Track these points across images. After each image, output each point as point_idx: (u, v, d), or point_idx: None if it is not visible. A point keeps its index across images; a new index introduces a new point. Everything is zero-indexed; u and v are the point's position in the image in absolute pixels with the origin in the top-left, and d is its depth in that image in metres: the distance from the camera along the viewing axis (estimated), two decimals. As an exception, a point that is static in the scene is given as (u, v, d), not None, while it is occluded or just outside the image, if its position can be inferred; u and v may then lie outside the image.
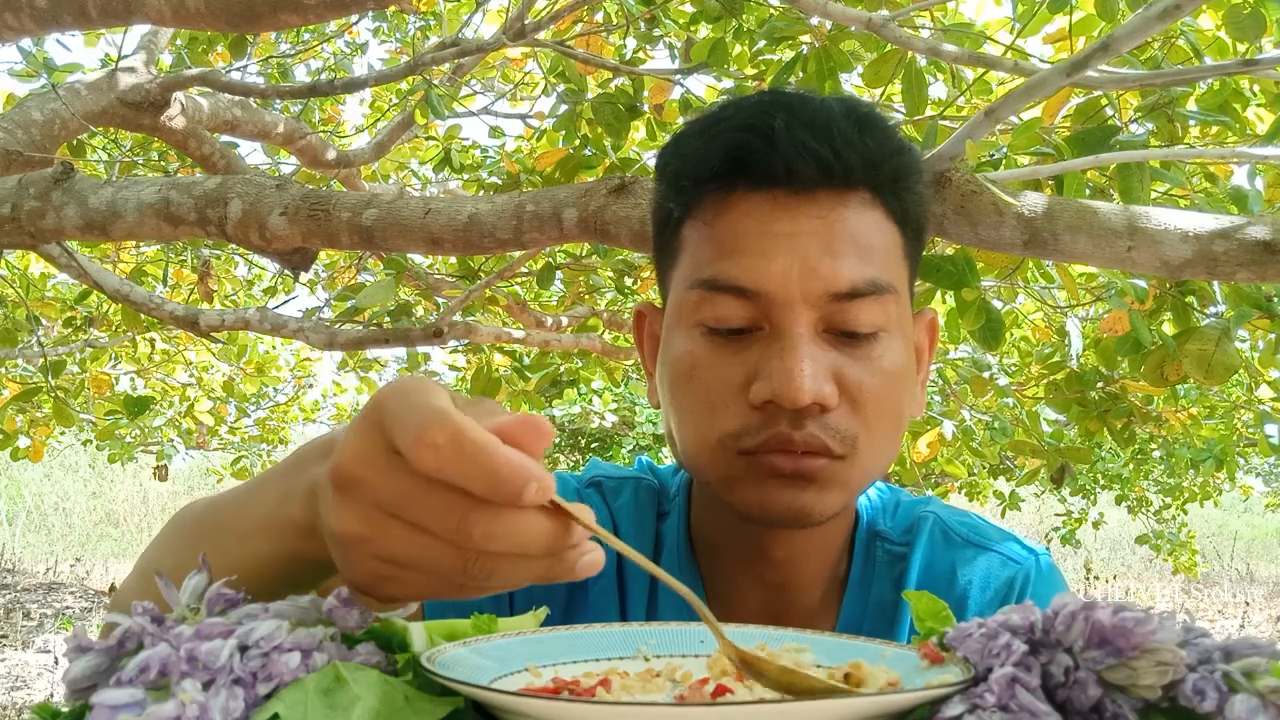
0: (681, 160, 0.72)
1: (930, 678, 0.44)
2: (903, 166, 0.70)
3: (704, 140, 0.70)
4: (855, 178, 0.68)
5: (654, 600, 0.79)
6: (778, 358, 0.65)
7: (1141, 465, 6.73)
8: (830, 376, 0.66)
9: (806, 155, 0.66)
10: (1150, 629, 0.41)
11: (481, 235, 1.61)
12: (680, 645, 0.54)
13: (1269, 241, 1.15)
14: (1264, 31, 1.77)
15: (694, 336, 0.69)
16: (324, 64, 4.44)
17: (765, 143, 0.67)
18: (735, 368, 0.67)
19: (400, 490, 0.41)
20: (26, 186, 1.78)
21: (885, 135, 0.69)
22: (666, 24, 2.84)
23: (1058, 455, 2.90)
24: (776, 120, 0.66)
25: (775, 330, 0.67)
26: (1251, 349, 2.88)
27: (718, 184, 0.69)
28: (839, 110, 0.68)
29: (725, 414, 0.68)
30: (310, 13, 1.80)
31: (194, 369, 5.74)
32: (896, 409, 0.70)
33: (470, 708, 0.44)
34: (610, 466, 0.87)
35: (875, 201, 0.69)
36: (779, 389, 0.65)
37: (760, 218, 0.67)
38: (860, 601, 0.78)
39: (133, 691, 0.41)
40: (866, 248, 0.67)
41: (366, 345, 2.92)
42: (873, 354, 0.68)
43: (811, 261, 0.66)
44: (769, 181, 0.67)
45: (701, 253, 0.69)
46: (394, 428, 0.41)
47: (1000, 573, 0.78)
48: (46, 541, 11.71)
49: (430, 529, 0.41)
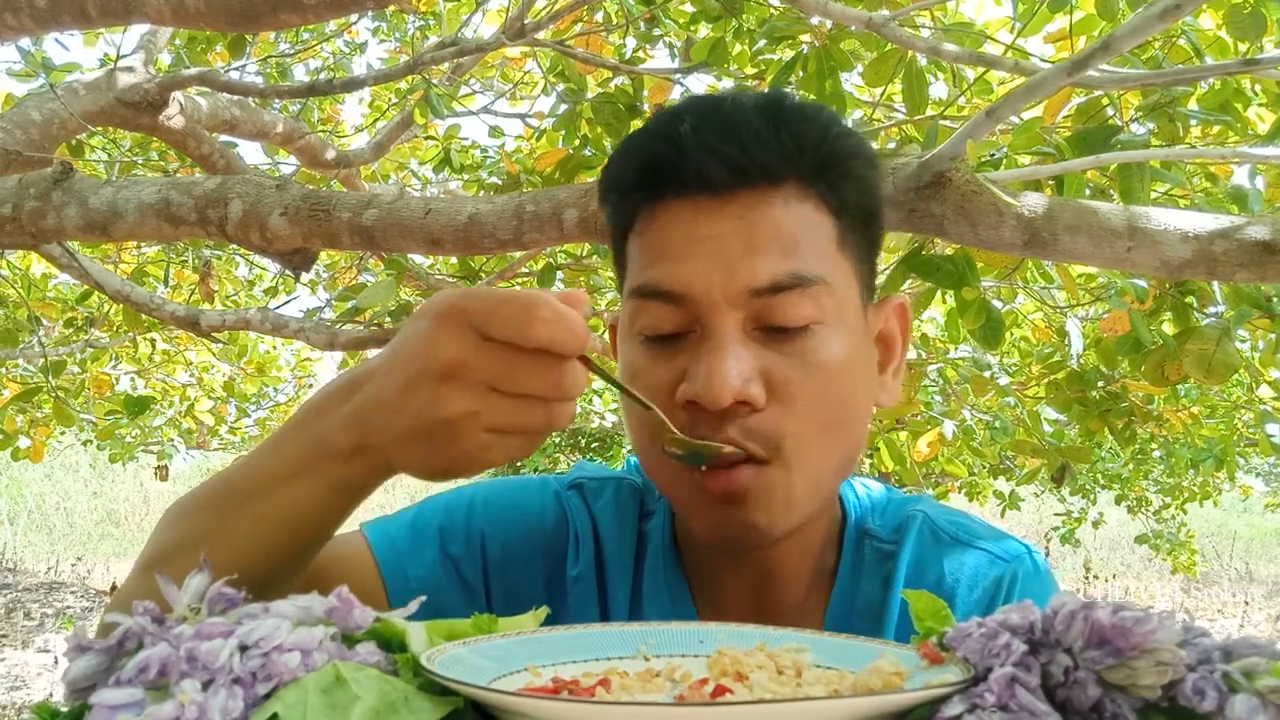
0: (609, 177, 0.73)
1: (930, 677, 0.44)
2: (831, 154, 0.69)
3: (624, 155, 0.72)
4: (774, 173, 0.67)
5: (636, 602, 0.79)
6: (702, 358, 0.66)
7: (1141, 465, 6.73)
8: (757, 375, 0.66)
9: (714, 158, 0.66)
10: (1150, 629, 0.41)
11: (482, 235, 1.61)
12: (680, 645, 0.54)
13: (1269, 241, 1.15)
14: (1265, 31, 1.77)
15: (635, 346, 0.71)
16: (323, 64, 4.44)
17: (675, 150, 0.67)
18: (667, 372, 0.68)
19: (503, 366, 0.53)
20: (27, 186, 1.78)
21: (806, 126, 0.68)
22: (666, 23, 2.84)
23: (1058, 455, 2.90)
24: (684, 126, 0.67)
25: (704, 332, 0.67)
26: (1251, 349, 2.88)
27: (645, 195, 0.70)
28: (752, 108, 0.68)
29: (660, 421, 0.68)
30: (310, 12, 1.80)
31: (194, 369, 5.74)
32: (839, 404, 0.68)
33: (470, 708, 0.44)
34: (594, 467, 0.87)
35: (804, 194, 0.68)
36: (700, 389, 0.65)
37: (684, 223, 0.68)
38: (847, 599, 0.78)
39: (132, 691, 0.41)
40: (791, 242, 0.67)
41: (367, 345, 2.92)
42: (805, 348, 0.67)
43: (732, 261, 0.66)
44: (688, 188, 0.68)
45: (636, 263, 0.71)
46: (490, 319, 0.53)
47: (989, 571, 0.77)
48: (47, 541, 11.71)
49: (533, 391, 0.54)
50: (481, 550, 0.80)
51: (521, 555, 0.80)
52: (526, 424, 0.55)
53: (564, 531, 0.81)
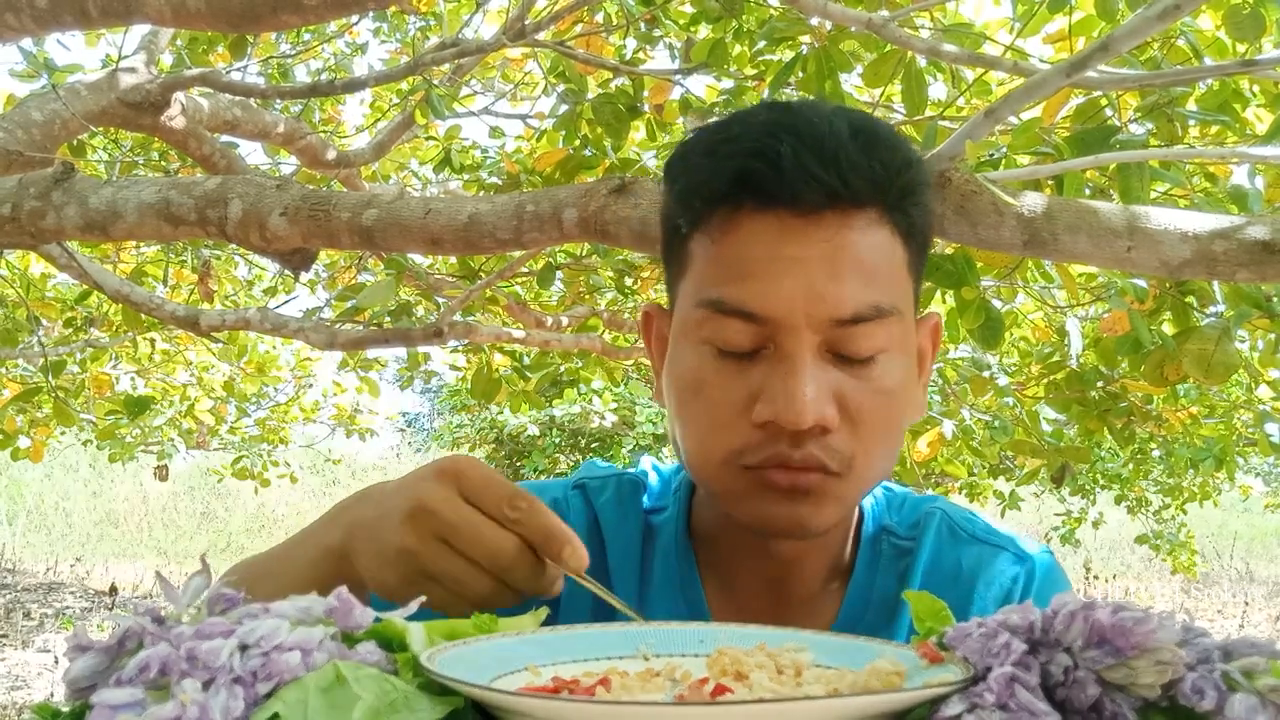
0: (689, 177, 0.72)
1: (929, 677, 0.44)
2: (909, 182, 0.70)
3: (711, 160, 0.70)
4: (862, 199, 0.68)
5: (645, 591, 0.80)
6: (781, 380, 0.67)
7: (1141, 465, 6.72)
8: (831, 399, 0.67)
9: (813, 181, 0.66)
10: (1149, 628, 0.41)
11: (481, 235, 1.61)
12: (680, 645, 0.54)
13: (1269, 241, 1.15)
14: (1263, 32, 1.77)
15: (701, 353, 0.70)
16: (324, 64, 4.44)
17: (772, 169, 0.67)
18: (740, 387, 0.69)
19: (460, 524, 0.59)
20: (27, 186, 1.78)
21: (892, 153, 0.69)
22: (666, 24, 2.84)
23: (1058, 455, 2.90)
24: (783, 145, 0.67)
25: (779, 352, 0.68)
26: (1251, 349, 2.88)
27: (728, 204, 0.69)
28: (846, 131, 0.68)
29: (729, 431, 0.69)
30: (310, 13, 1.80)
31: (194, 369, 5.74)
32: (895, 425, 0.72)
33: (470, 707, 0.44)
34: (599, 466, 0.89)
35: (883, 219, 0.69)
36: (782, 411, 0.66)
37: (767, 241, 0.68)
38: (863, 594, 0.79)
39: (132, 691, 0.41)
40: (872, 270, 0.68)
41: (367, 345, 2.92)
42: (873, 374, 0.69)
43: (817, 287, 0.66)
44: (776, 204, 0.68)
45: (708, 271, 0.70)
46: (478, 488, 0.60)
47: (1007, 570, 0.79)
48: (47, 541, 11.71)
49: (475, 557, 0.59)
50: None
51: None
52: (463, 584, 0.59)
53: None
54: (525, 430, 9.87)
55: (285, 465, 6.86)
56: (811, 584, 0.79)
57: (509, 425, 9.90)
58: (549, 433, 9.90)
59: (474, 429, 10.50)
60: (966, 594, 0.78)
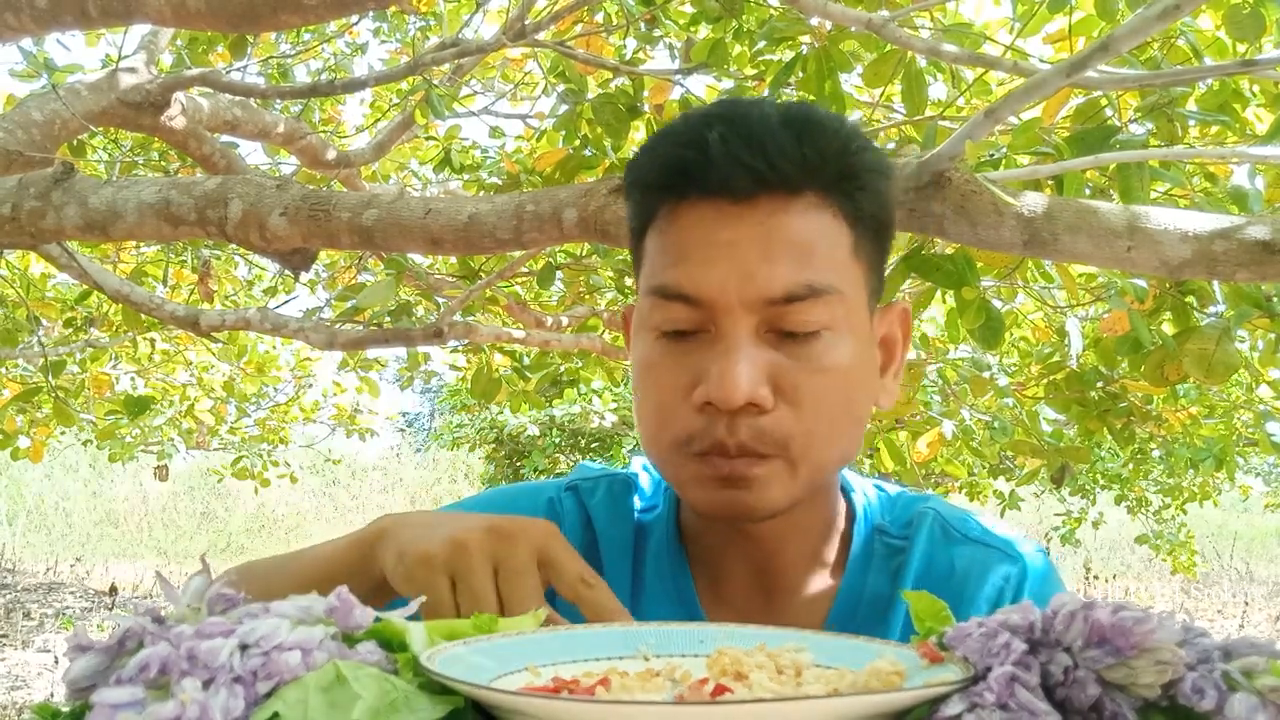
0: (634, 174, 0.76)
1: (929, 677, 0.44)
2: (851, 167, 0.71)
3: (651, 153, 0.74)
4: (794, 183, 0.70)
5: (639, 589, 0.82)
6: (716, 361, 0.69)
7: (1141, 465, 6.72)
8: (766, 379, 0.69)
9: (740, 167, 0.68)
10: (1149, 628, 0.41)
11: (481, 235, 1.61)
12: (680, 645, 0.54)
13: (1269, 241, 1.15)
14: (1264, 32, 1.77)
15: (649, 341, 0.73)
16: (324, 64, 4.44)
17: (701, 156, 0.69)
18: (683, 372, 0.71)
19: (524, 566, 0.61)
20: (26, 186, 1.78)
21: (828, 138, 0.71)
22: (666, 24, 2.84)
23: (1058, 455, 2.90)
24: (712, 133, 0.69)
25: (717, 333, 0.70)
26: (1251, 349, 2.88)
27: (669, 194, 0.72)
28: (776, 118, 0.70)
29: (674, 416, 0.71)
30: (310, 13, 1.80)
31: (194, 369, 5.74)
32: (844, 406, 0.72)
33: (470, 707, 0.44)
34: (592, 468, 0.90)
35: (824, 203, 0.71)
36: (714, 391, 0.68)
37: (705, 227, 0.70)
38: (856, 592, 0.79)
39: (133, 690, 0.41)
40: (807, 251, 0.69)
41: (366, 345, 2.92)
42: (813, 353, 0.70)
43: (749, 268, 0.68)
44: (711, 192, 0.70)
45: (656, 260, 0.73)
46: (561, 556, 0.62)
47: (999, 569, 0.79)
48: (46, 541, 11.71)
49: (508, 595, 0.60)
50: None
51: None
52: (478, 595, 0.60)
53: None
54: (525, 430, 9.87)
55: (285, 465, 6.86)
56: (796, 572, 0.79)
57: (509, 425, 9.90)
58: (549, 433, 9.90)
59: (474, 429, 10.50)
60: (959, 594, 0.78)
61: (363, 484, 14.92)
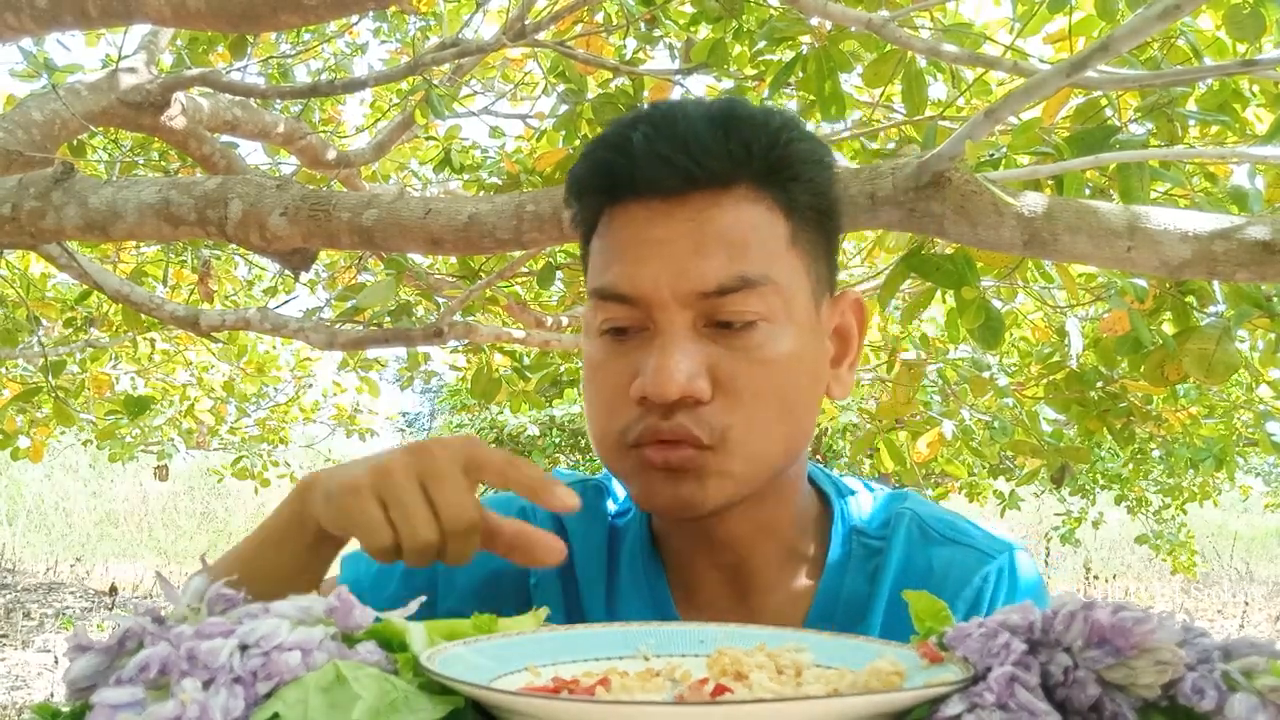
0: (572, 182, 0.77)
1: (929, 677, 0.44)
2: (782, 158, 0.72)
3: (583, 161, 0.76)
4: (723, 178, 0.71)
5: (613, 594, 0.82)
6: (652, 355, 0.70)
7: (1141, 465, 6.72)
8: (703, 371, 0.69)
9: (667, 166, 0.70)
10: (1149, 628, 0.41)
11: (481, 235, 1.61)
12: (680, 645, 0.54)
13: (1269, 241, 1.15)
14: (1264, 32, 1.77)
15: (595, 341, 0.75)
16: (324, 64, 4.44)
17: (626, 159, 0.71)
18: (624, 369, 0.72)
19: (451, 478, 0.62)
20: (26, 186, 1.78)
21: (756, 131, 0.71)
22: (666, 24, 2.84)
23: (1057, 455, 2.90)
24: (636, 134, 0.71)
25: (654, 329, 0.71)
26: (1251, 349, 2.88)
27: (604, 199, 0.74)
28: (702, 116, 0.71)
29: (614, 412, 0.73)
30: (310, 13, 1.80)
31: (194, 369, 5.74)
32: (785, 395, 0.72)
33: (470, 707, 0.44)
34: (563, 474, 0.90)
35: (757, 196, 0.72)
36: (649, 385, 0.69)
37: (637, 227, 0.72)
38: (834, 593, 0.79)
39: (133, 690, 0.41)
40: (740, 244, 0.70)
41: (366, 345, 2.92)
42: (750, 344, 0.70)
43: (681, 263, 0.69)
44: (641, 193, 0.71)
45: (596, 263, 0.75)
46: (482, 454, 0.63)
47: (976, 568, 0.79)
48: (46, 541, 11.71)
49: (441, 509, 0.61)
50: (446, 574, 0.82)
51: (483, 572, 0.82)
52: (410, 520, 0.61)
53: None
54: (525, 430, 9.87)
55: (285, 465, 6.86)
56: (771, 573, 0.79)
57: (509, 425, 9.91)
58: (549, 433, 9.90)
59: (474, 429, 10.50)
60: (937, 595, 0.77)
61: (363, 484, 14.89)
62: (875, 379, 3.84)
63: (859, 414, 4.75)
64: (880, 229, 1.94)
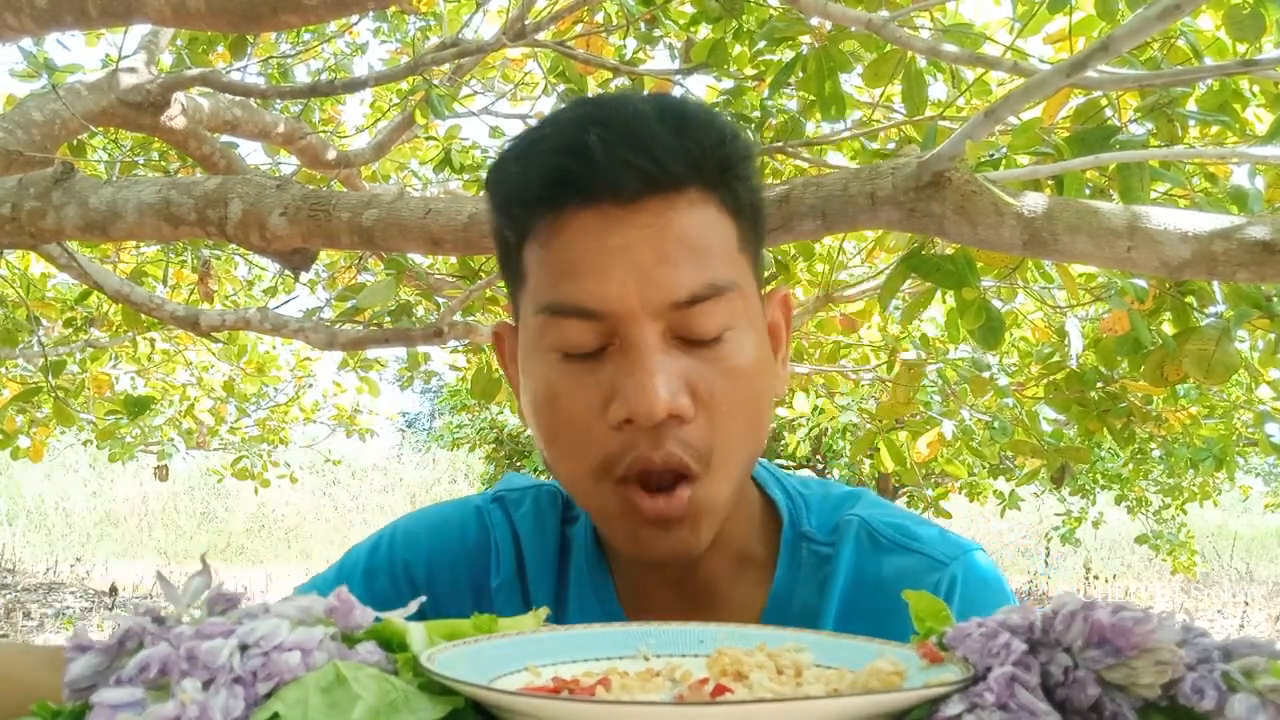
0: (506, 186, 0.71)
1: (929, 677, 0.44)
2: (727, 158, 0.69)
3: (525, 165, 0.69)
4: (680, 181, 0.67)
5: (561, 604, 0.80)
6: (629, 374, 0.65)
7: (1141, 465, 6.73)
8: (684, 387, 0.66)
9: (627, 168, 0.65)
10: (1149, 628, 0.41)
11: (481, 235, 1.61)
12: (680, 645, 0.54)
13: (1269, 241, 1.15)
14: (1264, 32, 1.77)
15: (549, 362, 0.69)
16: (324, 64, 4.44)
17: (584, 162, 0.66)
18: (592, 390, 0.67)
19: None
20: (26, 186, 1.78)
21: (705, 130, 0.68)
22: (666, 24, 2.84)
23: (1057, 455, 2.90)
24: (592, 137, 0.65)
25: (624, 345, 0.66)
26: (1251, 349, 2.88)
27: (546, 206, 0.68)
28: (653, 115, 0.67)
29: (589, 440, 0.67)
30: (311, 13, 1.80)
31: (194, 369, 5.74)
32: (754, 405, 0.70)
33: (470, 707, 0.44)
34: (518, 478, 0.88)
35: (706, 197, 0.68)
36: (634, 406, 0.64)
37: (592, 235, 0.66)
38: (784, 603, 0.77)
39: (133, 691, 0.41)
40: (702, 249, 0.67)
41: (367, 345, 2.92)
42: (722, 355, 0.67)
43: (648, 272, 0.65)
44: (595, 198, 0.66)
45: (541, 277, 0.69)
46: None
47: (928, 576, 0.75)
48: (46, 541, 11.71)
49: None
50: (408, 579, 0.81)
51: (446, 574, 0.81)
52: None
53: (485, 545, 0.82)
54: (525, 430, 9.87)
55: (285, 465, 6.86)
56: (717, 583, 0.77)
57: (509, 425, 9.91)
58: (549, 433, 9.88)
59: (474, 429, 10.51)
60: (890, 605, 0.73)
61: (363, 484, 14.92)
62: (875, 379, 3.84)
63: (859, 414, 4.76)
64: (880, 229, 1.94)
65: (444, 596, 0.81)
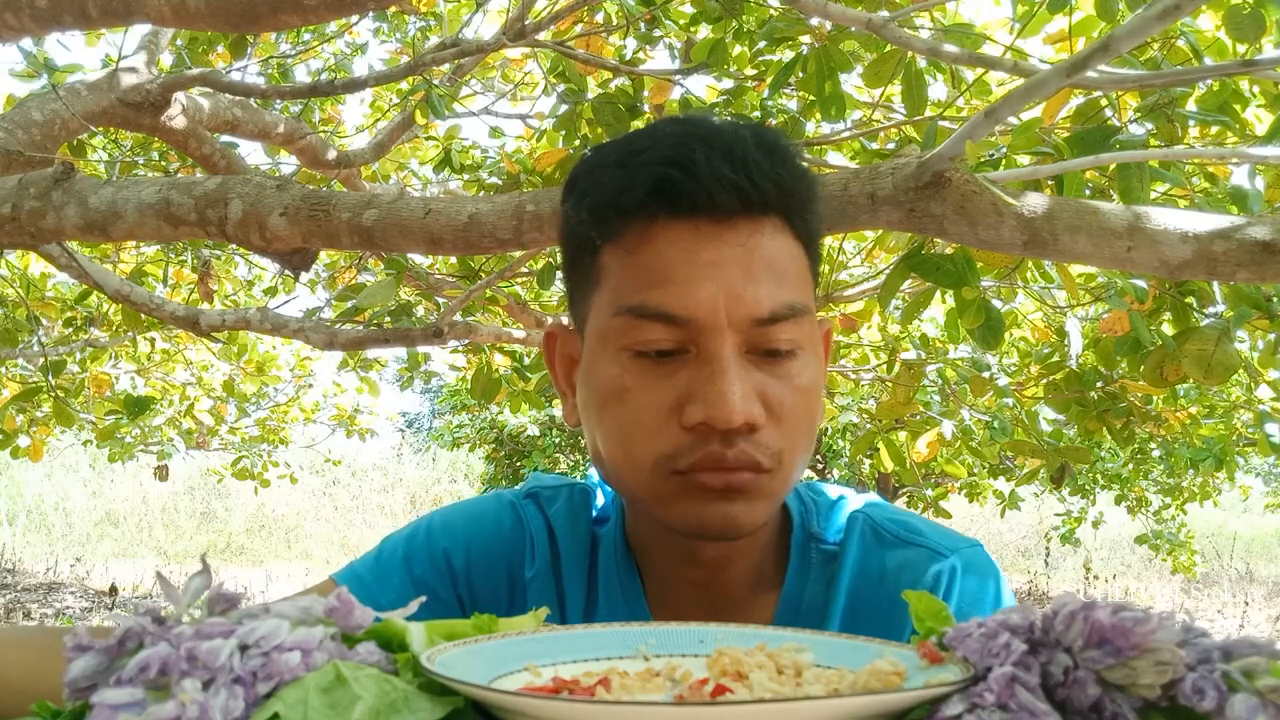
0: (601, 190, 0.73)
1: (929, 677, 0.44)
2: (807, 192, 0.74)
3: (625, 171, 0.72)
4: (769, 205, 0.71)
5: (592, 600, 0.83)
6: (709, 381, 0.69)
7: (1141, 465, 6.73)
8: (756, 397, 0.70)
9: (726, 186, 0.69)
10: (1149, 629, 0.41)
11: (481, 235, 1.61)
12: (680, 645, 0.54)
13: (1269, 241, 1.15)
14: (1264, 32, 1.77)
15: (622, 360, 0.72)
16: (324, 64, 4.44)
17: (687, 175, 0.69)
18: (665, 391, 0.71)
19: None
20: (26, 186, 1.78)
21: (793, 163, 0.73)
22: (666, 24, 2.84)
23: (1057, 455, 2.90)
24: (697, 153, 0.69)
25: (703, 354, 0.70)
26: (1251, 349, 2.88)
27: (642, 213, 0.71)
28: (751, 140, 0.71)
29: (657, 436, 0.71)
30: (311, 13, 1.80)
31: (194, 369, 5.74)
32: (813, 422, 0.74)
33: (470, 707, 0.44)
34: (549, 477, 0.91)
35: (785, 226, 0.73)
36: (712, 412, 0.68)
37: (685, 246, 0.70)
38: (794, 602, 0.80)
39: (133, 691, 0.41)
40: (782, 273, 0.71)
41: (367, 345, 2.92)
42: (791, 371, 0.72)
43: (736, 289, 0.69)
44: (691, 211, 0.70)
45: (626, 280, 0.72)
46: None
47: (928, 567, 0.80)
48: (46, 541, 11.71)
49: None
50: (447, 566, 0.84)
51: (483, 563, 0.84)
52: None
53: (520, 536, 0.86)
54: (525, 430, 9.87)
55: (285, 465, 6.86)
56: (739, 587, 0.80)
57: (509, 425, 9.91)
58: (549, 433, 9.90)
59: (474, 429, 10.50)
60: (891, 598, 0.78)
61: (363, 484, 14.92)
62: (875, 379, 3.84)
63: (859, 414, 4.76)
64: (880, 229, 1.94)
65: (481, 583, 0.84)
